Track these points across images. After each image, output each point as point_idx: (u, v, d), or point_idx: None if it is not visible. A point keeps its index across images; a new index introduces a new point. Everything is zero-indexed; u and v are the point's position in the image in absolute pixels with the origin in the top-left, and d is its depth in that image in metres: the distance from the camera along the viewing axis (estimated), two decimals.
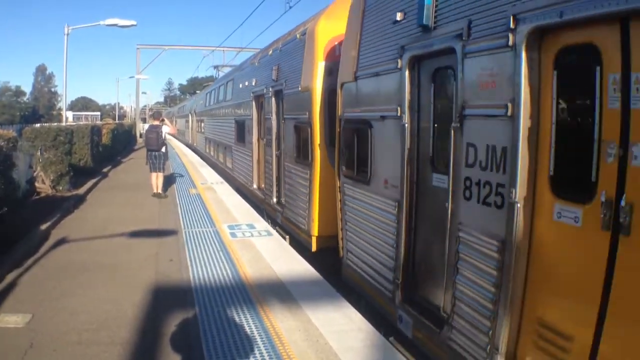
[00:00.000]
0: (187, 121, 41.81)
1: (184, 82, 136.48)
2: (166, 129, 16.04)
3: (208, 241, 9.76)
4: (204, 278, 7.57)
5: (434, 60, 5.62)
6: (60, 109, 73.17)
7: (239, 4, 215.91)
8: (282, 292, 6.95)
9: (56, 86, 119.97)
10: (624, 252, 3.30)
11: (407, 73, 5.92)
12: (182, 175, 20.60)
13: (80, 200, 14.77)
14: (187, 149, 37.73)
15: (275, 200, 12.28)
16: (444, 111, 5.45)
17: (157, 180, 15.49)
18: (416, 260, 6.09)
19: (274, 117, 12.25)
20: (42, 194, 15.01)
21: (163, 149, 15.52)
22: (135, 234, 10.42)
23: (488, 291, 4.48)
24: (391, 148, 6.33)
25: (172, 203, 14.16)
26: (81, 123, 30.90)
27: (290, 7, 21.14)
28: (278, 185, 12.16)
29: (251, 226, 11.07)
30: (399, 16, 6.08)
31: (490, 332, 4.42)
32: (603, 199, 3.43)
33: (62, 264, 8.49)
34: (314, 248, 9.58)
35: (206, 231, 10.63)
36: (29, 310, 6.36)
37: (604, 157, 3.48)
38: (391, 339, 5.71)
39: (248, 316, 6.09)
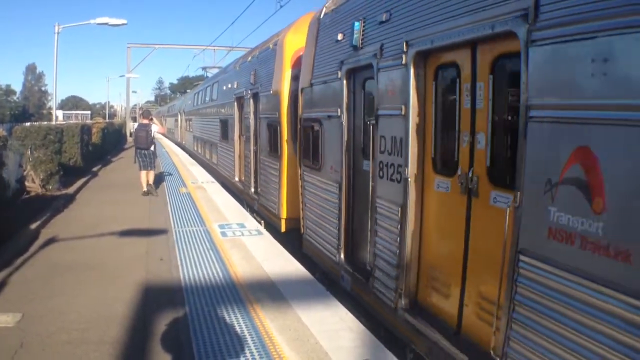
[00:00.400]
0: (176, 120, 43.42)
1: (175, 81, 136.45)
2: (155, 128, 16.19)
3: (198, 240, 9.75)
4: (195, 277, 7.56)
5: (363, 72, 7.07)
6: (50, 108, 72.86)
7: (230, 3, 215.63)
8: (272, 291, 6.96)
9: (46, 85, 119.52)
10: (474, 208, 4.82)
11: (344, 82, 7.47)
12: (172, 174, 20.62)
13: (70, 199, 14.71)
14: (177, 148, 37.62)
15: (252, 190, 13.72)
16: (370, 112, 6.78)
17: (146, 178, 15.62)
18: (353, 228, 7.62)
19: (251, 116, 13.68)
20: (32, 193, 14.94)
21: (152, 148, 15.68)
22: (126, 233, 10.39)
23: (394, 246, 5.96)
24: (335, 141, 7.86)
25: (162, 202, 14.12)
26: (71, 122, 30.82)
27: (282, 6, 21.18)
28: (255, 176, 13.59)
29: (242, 225, 11.08)
30: (339, 37, 7.62)
31: (398, 279, 5.89)
32: (459, 172, 4.94)
33: (52, 263, 8.46)
34: (283, 229, 11.06)
35: (196, 230, 10.62)
36: (19, 309, 6.34)
37: (461, 144, 4.97)
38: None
39: (238, 315, 6.10)
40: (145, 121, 16.04)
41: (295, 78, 10.40)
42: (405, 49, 5.60)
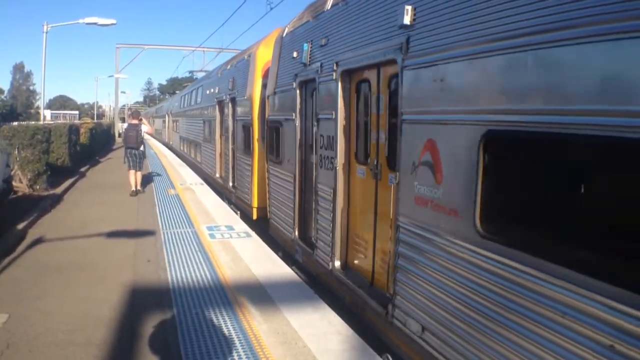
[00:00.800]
0: (164, 121, 45.46)
1: (164, 82, 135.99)
2: (145, 128, 16.39)
3: (187, 242, 9.74)
4: (183, 279, 7.55)
5: (310, 84, 8.55)
6: (38, 108, 72.36)
7: (220, 4, 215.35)
8: (260, 294, 6.97)
9: (34, 84, 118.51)
10: (379, 188, 6.38)
11: (298, 91, 9.02)
12: (160, 176, 20.63)
13: (57, 199, 14.63)
14: (165, 149, 37.56)
15: (230, 184, 15.33)
16: (315, 116, 8.22)
17: (135, 177, 15.76)
18: (304, 210, 9.13)
19: (230, 118, 15.32)
20: (19, 193, 14.85)
21: (141, 148, 15.91)
22: (113, 234, 10.35)
23: (329, 221, 7.53)
24: (291, 139, 9.43)
25: (151, 203, 14.07)
26: (59, 122, 30.61)
27: (272, 8, 21.21)
28: (233, 172, 15.21)
29: (230, 228, 11.07)
30: (295, 54, 9.08)
31: (331, 246, 7.48)
32: (370, 161, 6.56)
33: (39, 263, 8.42)
34: (254, 217, 12.60)
35: (185, 232, 10.60)
36: (5, 310, 6.30)
37: (372, 140, 6.53)
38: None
39: (226, 318, 6.10)
40: (135, 121, 16.21)
41: (264, 86, 11.80)
42: (335, 68, 7.22)
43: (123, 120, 68.91)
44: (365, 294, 6.40)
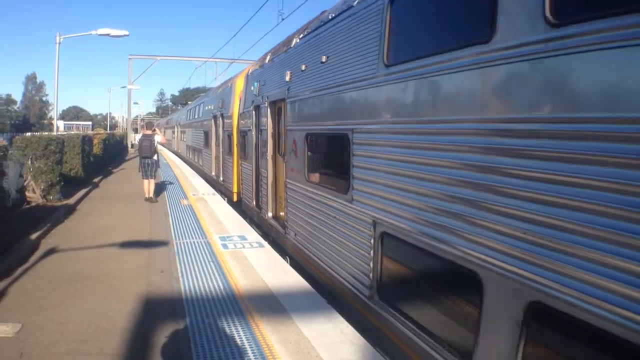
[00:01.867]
0: (173, 132, 51.15)
1: (176, 93, 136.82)
2: (158, 138, 17.07)
3: (199, 252, 9.74)
4: (196, 289, 7.54)
5: (258, 108, 13.08)
6: (51, 118, 72.95)
7: (233, 15, 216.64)
8: (273, 303, 6.94)
9: (47, 95, 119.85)
10: (278, 164, 11.55)
11: (253, 112, 13.42)
12: (173, 185, 20.97)
13: (70, 210, 14.71)
14: (177, 159, 37.81)
15: (221, 179, 19.97)
16: (259, 127, 12.94)
17: (149, 186, 16.59)
18: (259, 187, 13.44)
19: (220, 129, 20.10)
20: (33, 203, 14.94)
21: (155, 157, 16.64)
22: (126, 245, 10.39)
23: (266, 190, 12.40)
24: (251, 143, 13.95)
25: (164, 214, 14.12)
26: (72, 132, 30.81)
27: (283, 19, 21.25)
28: (222, 169, 19.86)
29: (243, 237, 11.07)
30: (252, 88, 13.66)
31: (267, 205, 12.30)
32: (279, 151, 11.58)
33: (52, 273, 8.45)
34: (234, 199, 17.25)
35: (197, 242, 10.61)
36: (19, 320, 6.32)
37: (281, 142, 11.08)
38: None
39: (239, 328, 6.08)
40: (149, 132, 16.95)
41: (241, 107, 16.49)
42: (267, 99, 11.90)
43: (136, 130, 69.48)
44: (278, 225, 11.32)
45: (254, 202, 13.78)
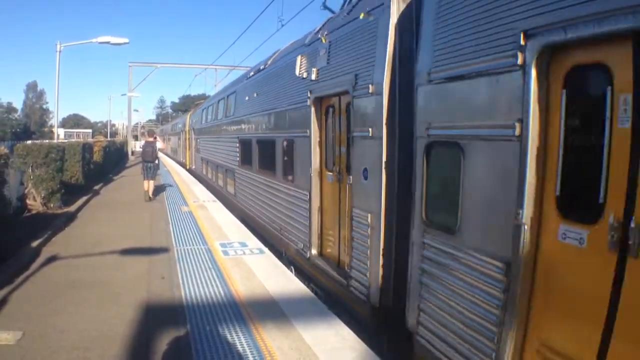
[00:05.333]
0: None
1: (176, 100, 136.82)
2: (159, 145, 20.31)
3: (200, 259, 9.74)
4: (196, 296, 7.54)
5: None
6: (51, 126, 72.96)
7: (232, 22, 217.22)
8: (274, 310, 6.94)
9: (47, 103, 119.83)
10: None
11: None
12: (173, 189, 21.65)
13: (71, 217, 14.72)
14: (177, 166, 37.80)
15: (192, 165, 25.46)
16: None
17: (148, 185, 18.71)
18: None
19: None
20: (33, 211, 14.95)
21: (156, 161, 19.06)
22: (127, 252, 10.39)
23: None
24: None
25: (164, 220, 14.11)
26: (73, 140, 30.86)
27: (283, 25, 21.31)
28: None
29: (243, 244, 11.07)
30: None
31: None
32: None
33: (53, 281, 8.44)
34: (187, 167, 26.03)
35: (198, 249, 10.61)
36: (20, 327, 6.31)
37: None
38: None
39: (240, 334, 6.08)
40: (151, 139, 19.55)
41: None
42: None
43: (136, 138, 69.47)
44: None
45: (191, 164, 21.91)
